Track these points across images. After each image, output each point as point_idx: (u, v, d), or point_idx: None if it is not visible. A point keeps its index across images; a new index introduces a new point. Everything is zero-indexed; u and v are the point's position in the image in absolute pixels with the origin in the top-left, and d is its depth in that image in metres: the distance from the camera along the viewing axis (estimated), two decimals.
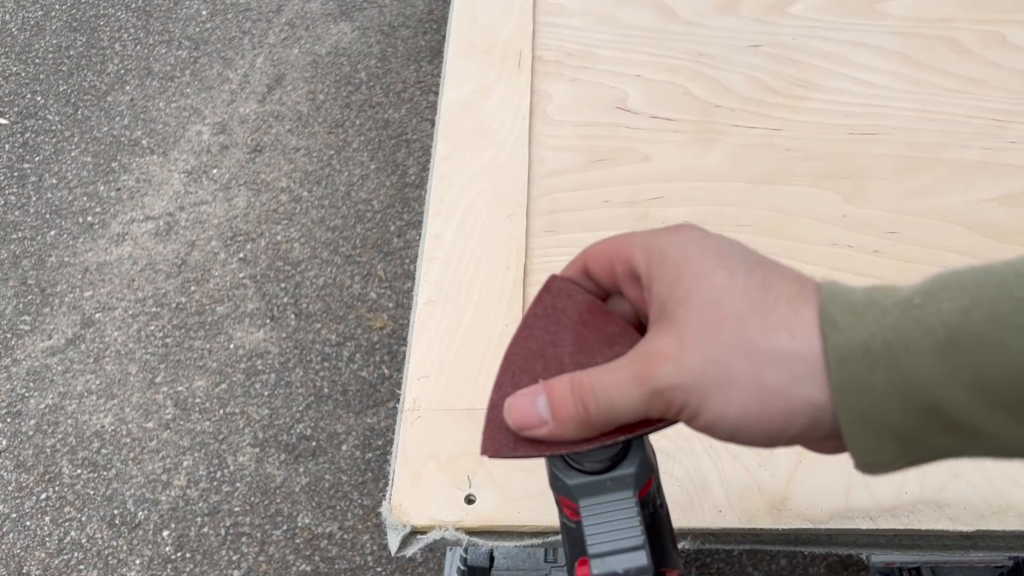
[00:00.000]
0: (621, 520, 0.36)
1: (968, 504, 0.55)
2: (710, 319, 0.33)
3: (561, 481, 0.37)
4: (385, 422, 1.51)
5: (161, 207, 1.82)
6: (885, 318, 0.30)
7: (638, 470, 0.37)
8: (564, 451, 0.36)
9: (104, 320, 1.65)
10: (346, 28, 2.13)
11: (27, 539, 1.41)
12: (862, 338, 0.30)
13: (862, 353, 0.30)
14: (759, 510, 0.56)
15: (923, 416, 0.30)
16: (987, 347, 0.29)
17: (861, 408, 0.30)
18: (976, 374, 0.29)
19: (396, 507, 0.56)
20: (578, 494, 0.37)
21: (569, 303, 0.40)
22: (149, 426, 1.51)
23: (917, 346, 0.29)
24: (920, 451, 0.31)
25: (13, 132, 1.97)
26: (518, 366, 0.39)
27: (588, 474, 0.37)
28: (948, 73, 0.80)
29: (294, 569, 1.36)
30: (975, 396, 0.29)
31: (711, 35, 0.85)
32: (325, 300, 1.66)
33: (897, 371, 0.29)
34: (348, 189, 1.82)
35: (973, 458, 0.32)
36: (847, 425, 0.31)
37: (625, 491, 0.37)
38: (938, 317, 0.29)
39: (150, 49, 2.12)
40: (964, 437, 0.30)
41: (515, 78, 0.81)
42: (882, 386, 0.30)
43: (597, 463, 0.37)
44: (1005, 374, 0.28)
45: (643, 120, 0.78)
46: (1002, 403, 0.29)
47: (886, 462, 0.32)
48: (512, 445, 0.37)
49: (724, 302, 0.33)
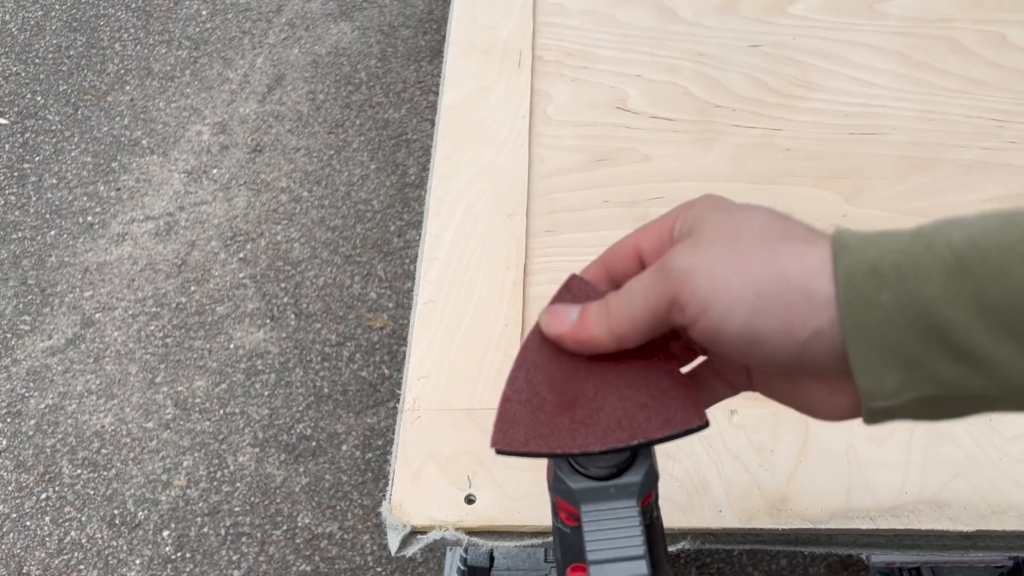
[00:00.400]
0: (622, 528, 0.36)
1: (968, 504, 0.55)
2: (730, 230, 0.34)
3: (564, 484, 0.37)
4: (385, 422, 1.51)
5: (161, 207, 1.82)
6: (894, 243, 0.31)
7: (644, 479, 0.37)
8: (575, 452, 0.36)
9: (104, 320, 1.65)
10: (346, 28, 2.13)
11: (27, 539, 1.41)
12: (871, 259, 0.31)
13: (871, 273, 0.30)
14: (759, 510, 0.56)
15: (928, 337, 0.30)
16: (992, 271, 0.29)
17: (867, 326, 0.30)
18: (980, 296, 0.29)
19: (396, 507, 0.56)
20: (581, 499, 0.37)
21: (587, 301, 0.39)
22: (149, 426, 1.51)
23: (925, 269, 0.30)
24: (924, 383, 0.31)
25: (13, 132, 1.97)
26: (533, 363, 0.38)
27: (593, 479, 0.37)
28: (948, 73, 0.80)
29: (294, 569, 1.36)
30: (979, 318, 0.29)
31: (711, 35, 0.85)
32: (325, 300, 1.66)
33: (904, 291, 0.30)
34: (348, 189, 1.82)
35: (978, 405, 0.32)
36: (853, 343, 0.31)
37: (629, 500, 0.36)
38: (947, 244, 0.30)
39: (150, 49, 2.12)
40: (968, 365, 0.30)
41: (515, 78, 0.81)
42: (889, 304, 0.30)
43: (603, 469, 0.37)
44: (1009, 298, 0.29)
45: (643, 120, 0.78)
46: (1004, 326, 0.29)
47: (890, 391, 0.31)
48: (523, 440, 0.37)
49: (744, 224, 0.34)
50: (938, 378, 0.31)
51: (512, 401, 0.37)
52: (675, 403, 0.37)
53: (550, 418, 0.37)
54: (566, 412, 0.37)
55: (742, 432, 0.59)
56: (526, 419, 0.37)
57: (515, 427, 0.37)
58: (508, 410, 0.37)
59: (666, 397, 0.37)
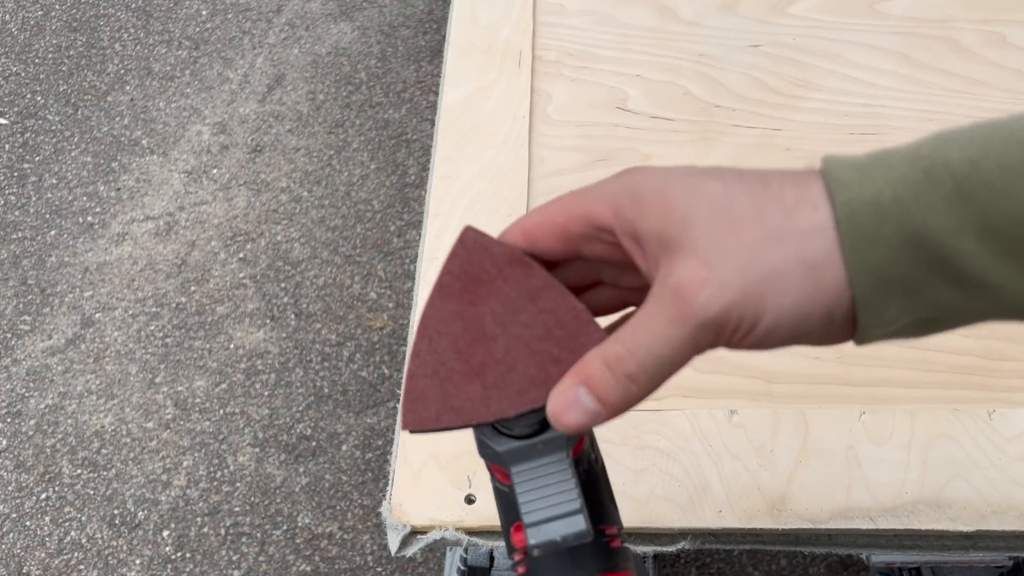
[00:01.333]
0: (556, 484, 0.34)
1: (968, 504, 0.55)
2: (725, 226, 0.31)
3: (490, 448, 0.36)
4: (385, 422, 1.51)
5: (161, 207, 1.82)
6: (892, 171, 0.30)
7: None
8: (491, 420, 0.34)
9: (104, 320, 1.65)
10: (346, 28, 2.13)
11: (27, 539, 1.41)
12: (870, 193, 0.30)
13: (872, 207, 0.29)
14: (759, 510, 0.56)
15: (931, 268, 0.29)
16: (995, 195, 0.28)
17: (872, 262, 0.30)
18: (984, 222, 0.28)
19: (396, 507, 0.56)
20: (509, 460, 0.35)
21: (487, 257, 0.37)
22: (149, 426, 1.51)
23: (926, 198, 0.29)
24: (921, 308, 0.30)
25: (13, 132, 1.97)
26: (435, 330, 0.36)
27: (518, 438, 0.35)
28: (948, 73, 0.80)
29: (294, 569, 1.36)
30: (983, 245, 0.29)
31: (711, 35, 0.85)
32: (325, 300, 1.66)
33: (907, 223, 0.29)
34: (348, 189, 1.82)
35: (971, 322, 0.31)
36: (858, 282, 0.30)
37: (558, 453, 0.35)
38: (946, 167, 0.29)
39: (150, 49, 2.12)
40: (969, 289, 0.29)
41: (515, 78, 0.81)
42: (892, 237, 0.29)
43: (527, 427, 0.35)
44: (1013, 222, 0.28)
45: (643, 120, 0.78)
46: (1008, 250, 0.28)
47: (888, 320, 0.31)
48: (434, 416, 0.35)
49: (731, 207, 0.31)
50: (938, 302, 0.30)
51: (417, 376, 0.35)
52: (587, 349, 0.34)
53: (460, 388, 0.35)
54: (476, 378, 0.35)
55: (742, 432, 0.59)
56: (435, 393, 0.35)
57: (424, 404, 0.35)
58: (415, 387, 0.35)
59: (577, 344, 0.35)
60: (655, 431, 0.59)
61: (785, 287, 0.30)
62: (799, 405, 0.61)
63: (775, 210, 0.31)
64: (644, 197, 0.32)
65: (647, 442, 0.59)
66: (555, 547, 0.33)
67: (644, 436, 0.59)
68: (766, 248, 0.30)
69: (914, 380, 0.62)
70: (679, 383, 0.62)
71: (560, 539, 0.33)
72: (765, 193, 0.31)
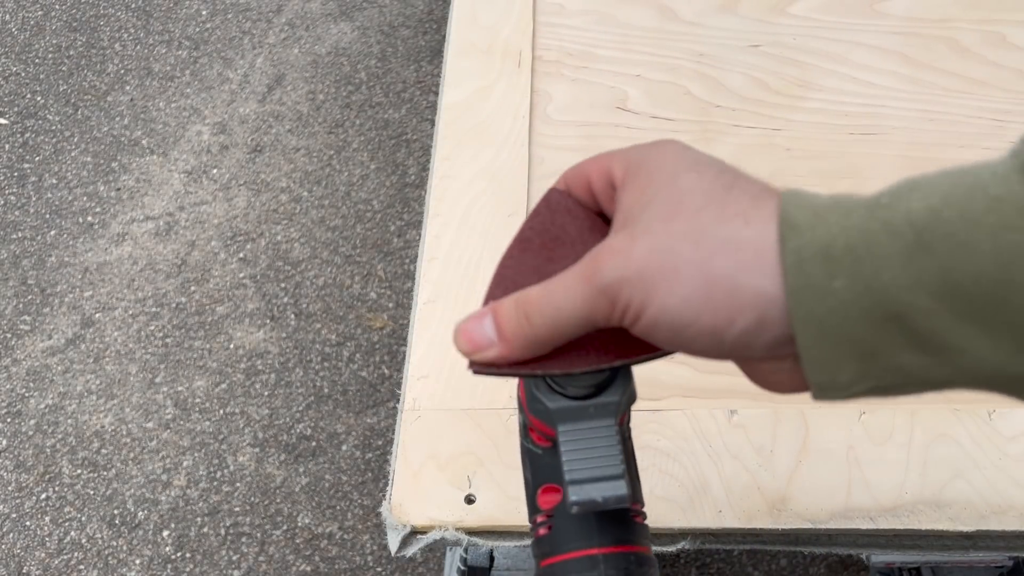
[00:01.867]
0: (601, 447, 0.34)
1: (968, 504, 0.55)
2: (666, 213, 0.31)
3: (542, 404, 0.36)
4: (385, 422, 1.51)
5: (161, 207, 1.82)
6: (848, 219, 0.28)
7: (623, 399, 0.35)
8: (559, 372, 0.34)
9: (104, 320, 1.65)
10: (346, 28, 2.13)
11: (27, 539, 1.41)
12: (823, 241, 0.28)
13: (823, 257, 0.28)
14: (759, 510, 0.56)
15: (886, 327, 0.27)
16: (956, 249, 0.26)
17: (819, 316, 0.28)
18: (944, 278, 0.26)
19: (396, 507, 0.56)
20: (558, 419, 0.35)
21: (568, 219, 0.37)
22: (149, 426, 1.51)
23: (882, 249, 0.27)
24: (881, 373, 0.28)
25: (13, 132, 1.97)
26: (512, 280, 0.36)
27: (571, 399, 0.35)
28: (948, 73, 0.80)
29: (294, 569, 1.36)
30: (942, 303, 0.26)
31: (711, 35, 0.85)
32: (325, 300, 1.66)
33: (860, 276, 0.27)
34: (348, 189, 1.82)
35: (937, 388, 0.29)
36: (802, 336, 0.28)
37: (608, 419, 0.35)
38: (906, 217, 0.27)
39: (150, 49, 2.12)
40: (929, 353, 0.27)
41: (515, 78, 0.81)
42: (843, 292, 0.27)
43: (582, 388, 0.35)
44: (975, 279, 0.26)
45: (643, 120, 0.78)
46: (970, 311, 0.26)
47: (843, 384, 0.29)
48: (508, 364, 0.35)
49: (685, 199, 0.31)
50: (898, 368, 0.28)
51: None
52: None
53: None
54: None
55: (742, 432, 0.59)
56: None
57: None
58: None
59: None
60: (655, 431, 0.59)
61: (675, 286, 0.30)
62: (799, 405, 0.61)
63: (714, 213, 0.31)
64: (640, 171, 0.34)
65: (647, 442, 0.59)
66: (594, 507, 0.33)
67: (644, 436, 0.59)
68: (683, 243, 0.30)
69: None
70: (679, 383, 0.62)
71: (601, 500, 0.33)
72: (723, 195, 0.31)
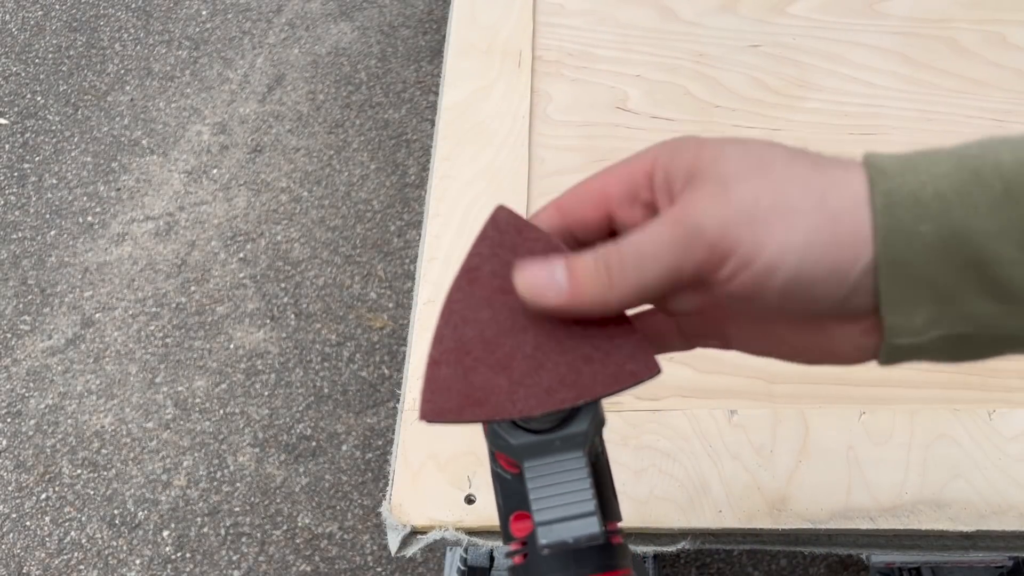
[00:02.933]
0: (570, 483, 0.32)
1: (968, 504, 0.55)
2: (755, 165, 0.29)
3: (504, 440, 0.34)
4: (385, 422, 1.51)
5: (161, 207, 1.82)
6: (938, 167, 0.28)
7: (590, 427, 0.34)
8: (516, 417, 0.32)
9: (104, 320, 1.65)
10: (346, 28, 2.13)
11: (27, 539, 1.41)
12: (912, 186, 0.28)
13: (912, 201, 0.28)
14: (759, 510, 0.56)
15: (966, 272, 0.28)
16: None
17: (904, 258, 0.28)
18: None
19: (396, 507, 0.56)
20: (523, 454, 0.33)
21: (520, 241, 0.34)
22: (149, 426, 1.51)
23: (971, 198, 0.27)
24: (954, 320, 0.29)
25: (13, 132, 1.97)
26: (461, 316, 0.34)
27: (535, 433, 0.34)
28: (948, 73, 0.80)
29: (294, 569, 1.36)
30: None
31: (711, 35, 0.85)
32: (325, 300, 1.66)
33: (947, 222, 0.27)
34: (348, 189, 1.82)
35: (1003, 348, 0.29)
36: (886, 277, 0.28)
37: (575, 451, 0.33)
38: (996, 169, 0.27)
39: (150, 49, 2.12)
40: (1006, 302, 0.28)
41: (515, 78, 0.81)
42: (929, 236, 0.27)
43: (546, 422, 0.34)
44: None
45: (643, 120, 0.78)
46: None
47: (917, 327, 0.29)
48: (456, 408, 0.32)
49: (766, 156, 0.30)
50: (971, 315, 0.28)
51: (440, 364, 0.33)
52: (623, 352, 0.33)
53: (485, 380, 0.33)
54: (503, 372, 0.33)
55: (742, 432, 0.59)
56: (458, 384, 0.33)
57: (446, 394, 0.33)
58: (436, 375, 0.33)
59: (612, 346, 0.33)
60: (655, 431, 0.59)
61: (796, 223, 0.28)
62: (799, 405, 0.61)
63: (807, 161, 0.29)
64: (681, 145, 0.32)
65: (647, 442, 0.59)
66: (566, 548, 0.32)
67: (644, 436, 0.59)
68: (788, 185, 0.29)
69: (914, 380, 0.62)
70: (679, 383, 0.62)
71: (572, 540, 0.31)
72: (804, 152, 0.30)
